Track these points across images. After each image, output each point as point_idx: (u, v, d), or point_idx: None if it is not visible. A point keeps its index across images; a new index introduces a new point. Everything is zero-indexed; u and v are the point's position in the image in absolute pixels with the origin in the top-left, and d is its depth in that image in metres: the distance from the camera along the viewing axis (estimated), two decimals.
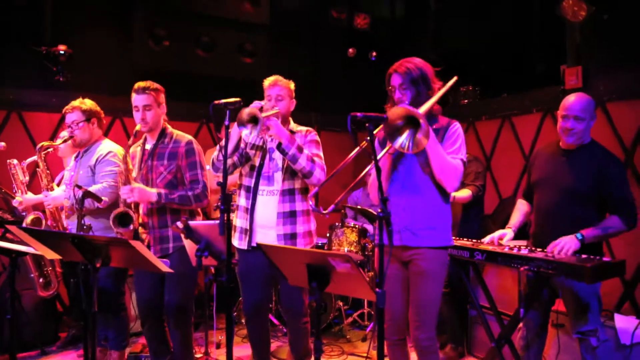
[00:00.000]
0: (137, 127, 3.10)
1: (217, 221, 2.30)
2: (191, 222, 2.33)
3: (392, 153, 2.48)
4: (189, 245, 2.40)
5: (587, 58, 4.04)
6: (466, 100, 5.19)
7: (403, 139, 2.28)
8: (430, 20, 5.42)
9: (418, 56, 2.57)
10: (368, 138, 2.14)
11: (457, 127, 2.54)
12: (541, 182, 3.01)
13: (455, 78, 2.60)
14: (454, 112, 4.74)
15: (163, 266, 2.36)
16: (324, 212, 2.27)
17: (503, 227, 3.13)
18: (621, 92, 3.93)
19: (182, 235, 2.35)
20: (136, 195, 2.97)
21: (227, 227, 2.25)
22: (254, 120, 2.59)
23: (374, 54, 5.88)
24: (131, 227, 2.97)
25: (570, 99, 2.88)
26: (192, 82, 5.07)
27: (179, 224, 2.34)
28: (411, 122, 2.26)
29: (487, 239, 3.08)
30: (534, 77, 4.75)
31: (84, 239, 2.28)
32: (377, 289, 2.10)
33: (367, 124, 2.13)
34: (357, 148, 2.29)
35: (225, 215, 2.23)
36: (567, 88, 4.11)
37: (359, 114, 2.10)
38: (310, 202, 2.44)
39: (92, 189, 3.23)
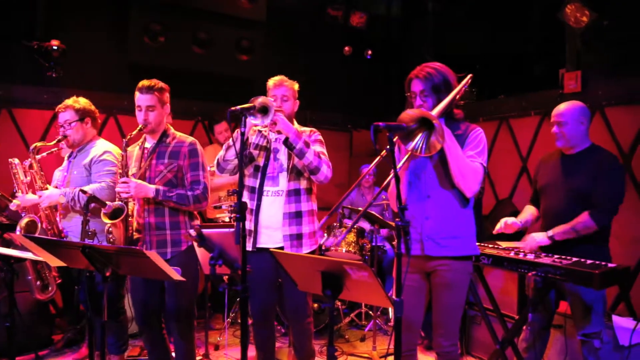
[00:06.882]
0: (139, 128, 2.96)
1: (231, 229, 2.26)
2: (204, 230, 2.28)
3: (411, 159, 2.41)
4: (202, 254, 2.36)
5: (587, 63, 4.09)
6: (462, 102, 5.19)
7: (416, 142, 2.24)
8: (428, 20, 5.41)
9: (414, 55, 2.51)
10: (388, 147, 2.11)
11: (478, 131, 2.45)
12: (547, 186, 3.08)
13: (470, 76, 2.50)
14: None
15: (176, 275, 2.30)
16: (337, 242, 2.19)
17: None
18: (620, 97, 3.99)
19: (195, 244, 2.30)
20: (132, 189, 2.82)
21: (242, 236, 2.21)
22: (263, 110, 2.56)
23: (370, 52, 5.89)
24: (122, 217, 2.84)
25: (558, 106, 3.00)
26: (187, 79, 4.96)
27: (192, 232, 2.29)
28: (425, 125, 2.23)
29: (500, 223, 3.08)
30: (531, 80, 4.79)
31: (95, 249, 2.22)
32: (395, 298, 2.09)
33: (387, 133, 2.11)
34: (378, 157, 2.26)
35: (241, 223, 2.19)
36: (565, 92, 4.16)
37: (381, 123, 2.06)
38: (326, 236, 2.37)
39: (90, 187, 3.16)
